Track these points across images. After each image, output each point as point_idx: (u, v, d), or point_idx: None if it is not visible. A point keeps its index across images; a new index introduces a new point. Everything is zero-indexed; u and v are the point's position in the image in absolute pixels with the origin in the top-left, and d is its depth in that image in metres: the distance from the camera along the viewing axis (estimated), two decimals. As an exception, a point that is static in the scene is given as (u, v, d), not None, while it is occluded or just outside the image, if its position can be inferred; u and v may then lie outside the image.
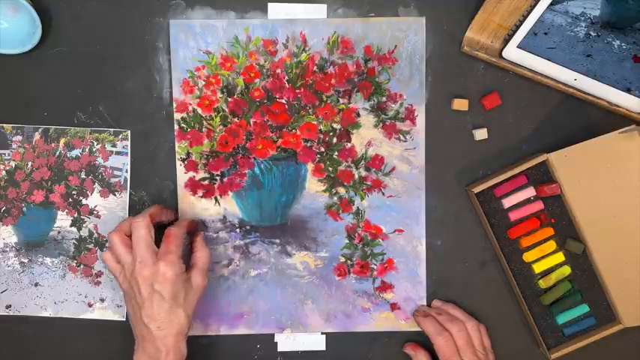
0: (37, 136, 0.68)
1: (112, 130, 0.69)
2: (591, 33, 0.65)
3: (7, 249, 0.70)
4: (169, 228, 0.63)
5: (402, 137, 0.69)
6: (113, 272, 0.62)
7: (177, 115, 0.68)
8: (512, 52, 0.66)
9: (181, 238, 0.63)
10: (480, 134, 0.69)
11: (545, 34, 0.65)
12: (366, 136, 0.69)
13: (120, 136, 0.69)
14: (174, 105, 0.68)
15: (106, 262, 0.63)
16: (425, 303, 0.70)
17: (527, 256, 0.68)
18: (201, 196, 0.69)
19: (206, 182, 0.69)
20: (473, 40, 0.67)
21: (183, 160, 0.69)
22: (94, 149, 0.69)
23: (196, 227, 0.68)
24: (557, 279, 0.69)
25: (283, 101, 0.68)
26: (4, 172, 0.69)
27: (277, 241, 0.70)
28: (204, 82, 0.68)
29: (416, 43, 0.68)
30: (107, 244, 0.69)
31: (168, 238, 0.62)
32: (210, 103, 0.68)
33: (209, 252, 0.65)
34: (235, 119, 0.68)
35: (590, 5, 0.64)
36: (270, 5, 0.67)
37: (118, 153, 0.69)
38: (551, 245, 0.68)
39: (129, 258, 0.61)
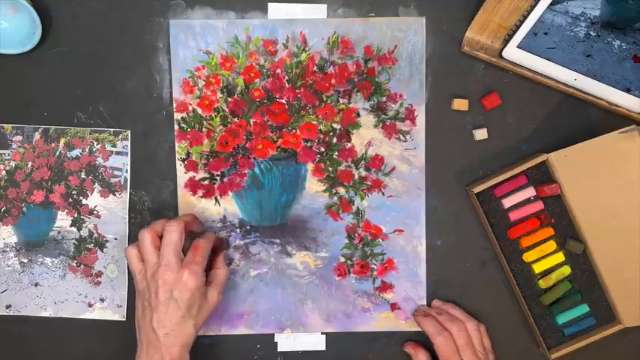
0: (37, 136, 0.68)
1: (112, 130, 0.69)
2: (591, 33, 0.65)
3: (7, 249, 0.70)
4: (198, 239, 0.63)
5: (402, 137, 0.69)
6: (133, 269, 0.62)
7: (177, 115, 0.68)
8: (512, 52, 0.66)
9: (208, 251, 0.63)
10: (480, 134, 0.69)
11: (545, 34, 0.65)
12: (366, 136, 0.69)
13: (120, 136, 0.69)
14: (174, 105, 0.68)
15: (129, 257, 0.62)
16: (425, 303, 0.70)
17: (527, 256, 0.68)
18: (201, 196, 0.69)
19: (206, 182, 0.69)
20: (473, 40, 0.67)
21: (183, 160, 0.69)
22: (94, 149, 0.69)
23: (220, 244, 0.69)
24: (557, 279, 0.69)
25: (283, 101, 0.68)
26: (4, 172, 0.69)
27: (277, 241, 0.70)
28: (204, 82, 0.68)
29: (416, 43, 0.68)
30: (107, 244, 0.69)
31: (196, 249, 0.62)
32: (210, 103, 0.68)
33: (228, 270, 0.66)
34: (235, 119, 0.68)
35: (590, 5, 0.64)
36: (270, 5, 0.67)
37: (118, 153, 0.69)
38: (551, 245, 0.68)
39: (154, 259, 0.60)
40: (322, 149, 0.69)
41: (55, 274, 0.70)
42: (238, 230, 0.70)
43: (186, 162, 0.69)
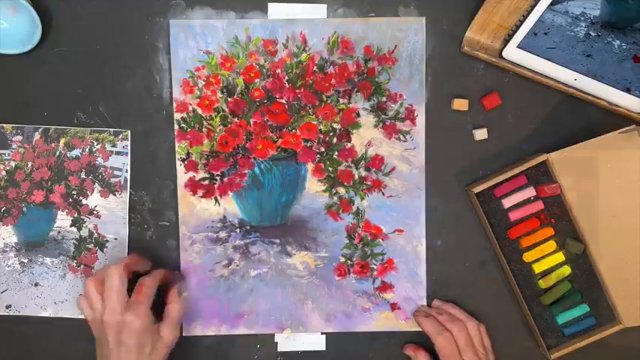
0: (37, 136, 0.68)
1: (112, 130, 0.69)
2: (591, 33, 0.65)
3: (7, 249, 0.70)
4: (143, 278, 0.62)
5: (402, 137, 0.69)
6: (87, 317, 0.62)
7: (177, 115, 0.68)
8: (512, 52, 0.66)
9: (153, 289, 0.62)
10: (480, 134, 0.69)
11: (545, 34, 0.65)
12: (366, 136, 0.69)
13: (120, 136, 0.69)
14: (174, 105, 0.68)
15: (81, 308, 0.62)
16: (425, 303, 0.70)
17: (527, 256, 0.68)
18: (201, 196, 0.69)
19: (206, 182, 0.69)
20: (473, 40, 0.67)
21: (183, 160, 0.69)
22: (94, 149, 0.69)
23: (173, 278, 0.68)
24: (557, 279, 0.69)
25: (283, 101, 0.68)
26: (4, 172, 0.69)
27: (277, 241, 0.70)
28: (204, 82, 0.68)
29: (416, 43, 0.68)
30: (107, 244, 0.69)
31: (140, 288, 0.61)
32: (210, 103, 0.68)
33: (182, 304, 0.64)
34: (235, 119, 0.68)
35: (590, 5, 0.64)
36: (270, 5, 0.67)
37: (118, 153, 0.69)
38: (551, 245, 0.68)
39: (100, 305, 0.60)
40: (322, 149, 0.69)
41: (55, 274, 0.70)
42: (238, 230, 0.70)
43: (186, 162, 0.69)
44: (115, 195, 0.69)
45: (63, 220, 0.69)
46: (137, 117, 0.68)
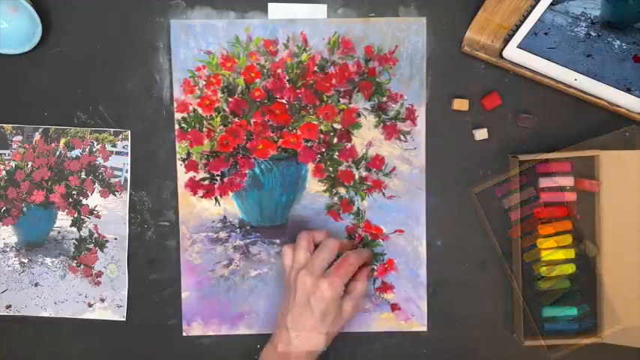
0: (37, 136, 0.68)
1: (112, 130, 0.69)
2: (591, 33, 0.65)
3: (7, 249, 0.70)
4: (349, 253, 0.64)
5: (402, 137, 0.69)
6: (284, 266, 0.64)
7: (177, 115, 0.68)
8: (513, 52, 0.66)
9: (355, 268, 0.63)
10: (480, 134, 0.69)
11: (546, 34, 0.65)
12: (367, 137, 0.69)
13: (120, 136, 0.69)
14: (175, 105, 0.68)
15: (283, 254, 0.64)
16: (425, 303, 0.70)
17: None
18: (202, 196, 0.69)
19: (206, 182, 0.69)
20: (473, 40, 0.67)
21: (183, 160, 0.69)
22: (94, 149, 0.69)
23: (369, 260, 0.68)
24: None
25: (284, 101, 0.68)
26: (4, 172, 0.69)
27: (277, 241, 0.70)
28: (204, 82, 0.68)
29: (416, 43, 0.68)
30: (107, 244, 0.69)
31: (343, 263, 0.63)
32: (211, 103, 0.68)
33: (367, 285, 0.66)
34: (236, 119, 0.68)
35: (590, 5, 0.64)
36: (270, 5, 0.67)
37: (118, 153, 0.69)
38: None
39: (303, 259, 0.62)
40: (323, 149, 0.69)
41: (55, 274, 0.70)
42: (238, 230, 0.70)
43: (186, 162, 0.69)
44: (115, 195, 0.69)
45: (63, 220, 0.69)
46: (137, 117, 0.68)
